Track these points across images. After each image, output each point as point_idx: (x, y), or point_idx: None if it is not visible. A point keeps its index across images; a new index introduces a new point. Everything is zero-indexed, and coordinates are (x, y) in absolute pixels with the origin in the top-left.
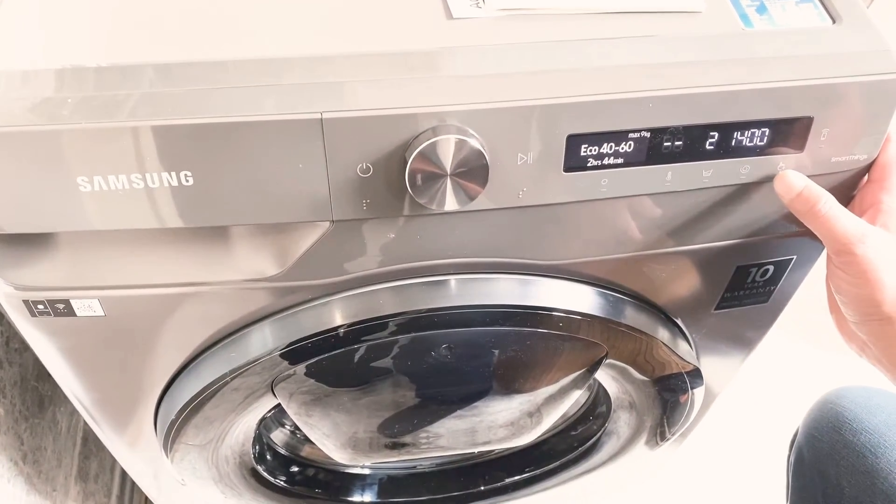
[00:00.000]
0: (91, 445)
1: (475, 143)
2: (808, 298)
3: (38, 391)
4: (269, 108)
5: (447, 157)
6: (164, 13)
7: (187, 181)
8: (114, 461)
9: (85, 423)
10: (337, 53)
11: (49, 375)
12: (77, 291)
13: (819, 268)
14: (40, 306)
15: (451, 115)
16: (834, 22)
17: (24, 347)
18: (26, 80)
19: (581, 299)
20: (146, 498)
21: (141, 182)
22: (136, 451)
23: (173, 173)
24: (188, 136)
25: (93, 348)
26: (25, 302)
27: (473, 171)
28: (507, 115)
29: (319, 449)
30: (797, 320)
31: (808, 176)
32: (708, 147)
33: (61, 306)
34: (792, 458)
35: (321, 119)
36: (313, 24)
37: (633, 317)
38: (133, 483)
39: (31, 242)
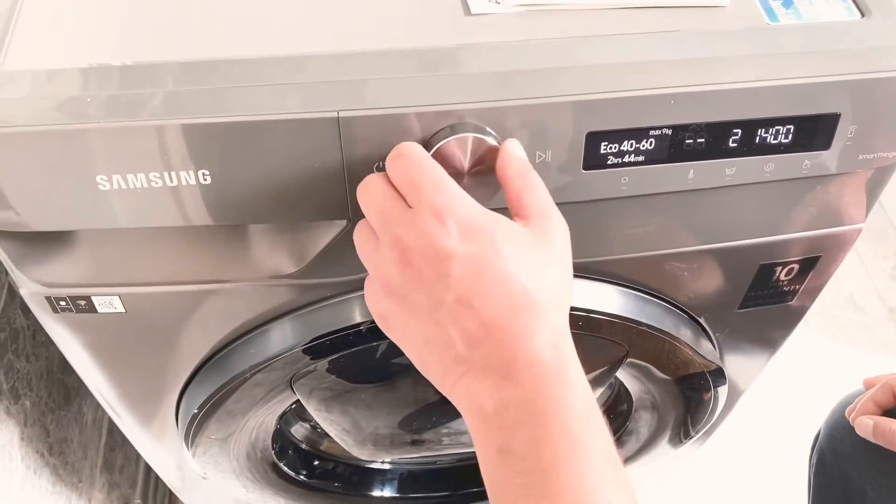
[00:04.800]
0: (116, 437)
1: (492, 141)
2: (834, 295)
3: (64, 383)
4: (286, 107)
5: (464, 156)
6: (186, 12)
7: (205, 180)
8: (138, 453)
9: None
10: (354, 51)
11: None
12: (98, 288)
13: (845, 263)
14: (62, 303)
15: (469, 112)
16: (863, 16)
17: (50, 341)
18: (52, 79)
19: (601, 298)
20: (170, 490)
21: (160, 181)
22: (158, 444)
23: (191, 172)
24: (206, 135)
25: (114, 344)
26: (48, 298)
27: (491, 169)
28: (526, 113)
29: (339, 444)
30: (823, 317)
31: (834, 174)
32: (731, 144)
33: (83, 303)
34: (814, 459)
35: (338, 117)
36: (331, 22)
37: (654, 316)
38: (157, 475)
39: (53, 240)
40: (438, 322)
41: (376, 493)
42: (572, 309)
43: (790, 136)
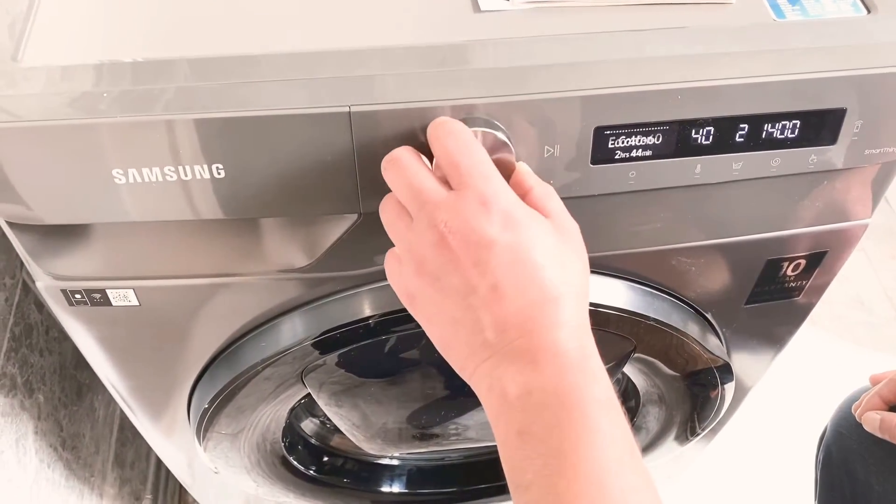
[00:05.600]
0: (127, 433)
1: (501, 135)
2: (841, 295)
3: (77, 379)
4: (299, 102)
5: None
6: (197, 9)
7: (219, 174)
8: (149, 449)
9: (121, 412)
10: (365, 47)
11: (87, 364)
12: (113, 281)
13: (852, 262)
14: (77, 296)
15: (478, 107)
16: (868, 12)
17: (64, 336)
18: (66, 75)
19: (609, 293)
20: (181, 485)
21: (174, 175)
22: (170, 439)
23: (205, 166)
24: (220, 130)
25: (128, 337)
26: (63, 291)
27: (499, 163)
28: (534, 108)
29: (349, 439)
30: (830, 317)
31: (840, 169)
32: (738, 139)
33: (97, 296)
34: (820, 456)
35: (349, 112)
36: (342, 18)
37: (662, 311)
38: (168, 470)
39: (68, 233)
40: (470, 306)
41: (385, 488)
42: None
43: (797, 131)
